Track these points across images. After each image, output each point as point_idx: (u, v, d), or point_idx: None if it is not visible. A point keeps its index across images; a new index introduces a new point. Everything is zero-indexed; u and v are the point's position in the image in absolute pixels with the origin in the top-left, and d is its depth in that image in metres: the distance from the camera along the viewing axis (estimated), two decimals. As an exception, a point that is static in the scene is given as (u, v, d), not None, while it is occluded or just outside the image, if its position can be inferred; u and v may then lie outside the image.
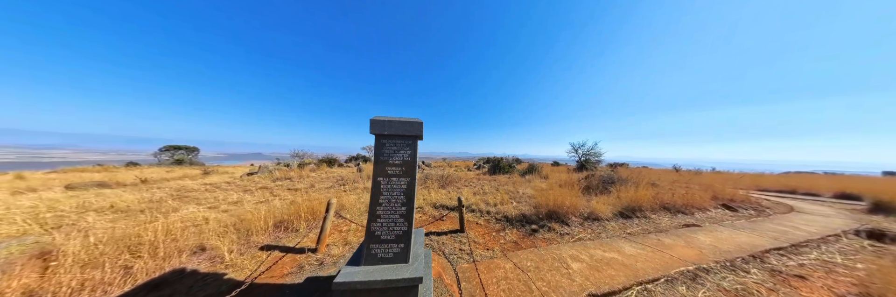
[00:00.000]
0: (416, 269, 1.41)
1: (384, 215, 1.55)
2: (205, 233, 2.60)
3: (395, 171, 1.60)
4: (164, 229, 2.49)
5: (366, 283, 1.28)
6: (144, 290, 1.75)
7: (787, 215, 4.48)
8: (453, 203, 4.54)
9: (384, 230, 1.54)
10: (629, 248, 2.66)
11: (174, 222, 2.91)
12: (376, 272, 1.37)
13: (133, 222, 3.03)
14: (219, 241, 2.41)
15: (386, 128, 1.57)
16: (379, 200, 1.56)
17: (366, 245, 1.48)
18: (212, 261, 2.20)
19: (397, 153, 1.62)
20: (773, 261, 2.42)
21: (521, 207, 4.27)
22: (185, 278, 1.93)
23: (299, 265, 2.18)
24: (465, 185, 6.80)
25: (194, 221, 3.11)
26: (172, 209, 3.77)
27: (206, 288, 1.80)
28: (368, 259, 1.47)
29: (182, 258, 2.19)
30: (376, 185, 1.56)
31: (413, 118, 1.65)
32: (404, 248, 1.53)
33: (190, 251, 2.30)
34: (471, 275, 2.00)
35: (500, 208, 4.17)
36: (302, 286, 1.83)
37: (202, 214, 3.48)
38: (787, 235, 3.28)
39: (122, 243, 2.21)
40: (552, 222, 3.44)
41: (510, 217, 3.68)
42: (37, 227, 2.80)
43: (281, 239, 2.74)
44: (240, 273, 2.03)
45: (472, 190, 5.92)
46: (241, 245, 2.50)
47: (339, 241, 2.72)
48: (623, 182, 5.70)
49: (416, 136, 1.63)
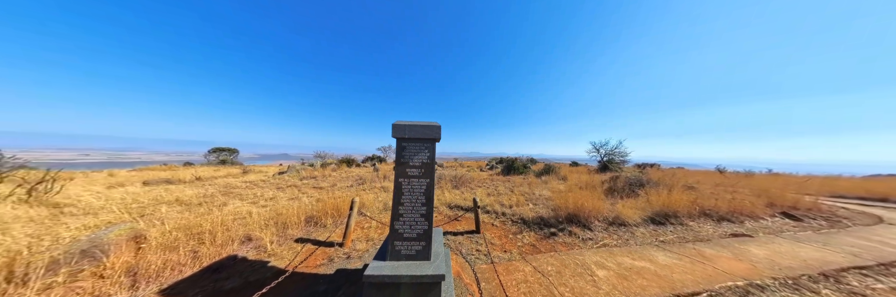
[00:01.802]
0: (438, 267, 1.48)
1: (406, 214, 1.64)
2: (249, 225, 2.96)
3: (415, 172, 1.68)
4: (219, 221, 2.91)
5: (393, 277, 1.37)
6: (208, 272, 2.07)
7: (872, 228, 3.73)
8: (467, 204, 4.56)
9: (406, 229, 1.63)
10: (663, 257, 2.45)
11: (226, 214, 3.38)
12: (401, 267, 1.46)
13: (194, 213, 3.57)
14: (261, 233, 2.74)
15: (406, 132, 1.66)
16: (401, 200, 1.65)
17: (390, 242, 1.59)
18: (257, 250, 2.51)
19: (417, 156, 1.70)
20: (854, 282, 2.05)
21: (538, 209, 4.15)
22: (238, 263, 2.24)
23: (329, 257, 2.39)
24: (479, 185, 6.75)
25: (240, 214, 3.55)
26: (222, 204, 4.35)
27: (255, 273, 2.07)
28: (393, 255, 1.57)
29: (234, 245, 2.54)
30: (398, 185, 1.65)
31: (431, 122, 1.72)
32: (426, 246, 1.60)
33: (239, 240, 2.65)
34: (490, 276, 2.01)
35: (515, 210, 4.09)
36: (333, 277, 2.01)
37: (246, 208, 3.97)
38: (874, 251, 2.74)
39: (188, 231, 2.63)
40: (572, 225, 3.29)
41: (527, 220, 3.60)
42: (127, 215, 3.44)
43: (311, 233, 3.02)
44: (280, 262, 2.29)
45: (486, 191, 5.87)
46: (279, 237, 2.81)
47: (361, 237, 2.91)
48: (653, 185, 5.22)
49: (434, 139, 1.70)
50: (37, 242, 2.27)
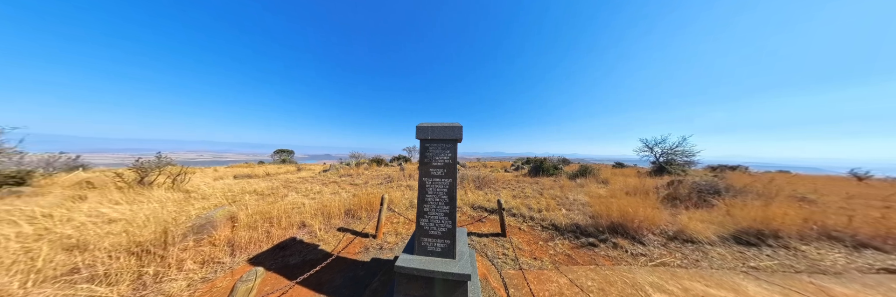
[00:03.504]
0: (463, 266, 1.49)
1: (430, 212, 1.71)
2: (303, 214, 3.54)
3: (438, 172, 1.74)
4: (283, 209, 3.58)
5: (421, 271, 1.45)
6: (277, 249, 2.57)
7: None
8: (491, 205, 4.43)
9: (431, 226, 1.69)
10: (757, 289, 1.91)
11: (287, 204, 4.13)
12: (428, 262, 1.52)
13: (265, 202, 4.47)
14: (313, 221, 3.25)
15: (429, 133, 1.72)
16: (425, 198, 1.73)
17: (417, 238, 1.67)
18: (310, 235, 2.98)
19: (439, 156, 1.75)
20: None
21: (573, 215, 3.73)
22: (297, 244, 2.71)
23: (365, 246, 2.67)
24: (503, 187, 6.48)
25: (297, 204, 4.27)
26: (284, 195, 5.32)
27: (310, 254, 2.47)
28: (420, 250, 1.65)
29: (294, 229, 3.08)
30: (422, 185, 1.74)
31: (453, 123, 1.74)
32: (450, 244, 1.64)
33: (297, 225, 3.20)
34: (518, 282, 1.92)
35: (545, 215, 3.78)
36: (369, 264, 2.25)
37: (300, 200, 4.75)
38: None
39: (263, 216, 3.31)
40: (617, 236, 2.86)
41: (559, 226, 3.29)
42: (225, 201, 4.54)
43: (350, 224, 3.42)
44: (327, 246, 2.67)
45: (512, 193, 5.59)
46: (325, 226, 3.28)
47: (391, 231, 3.14)
48: (738, 193, 4.07)
49: (456, 139, 1.72)
50: (177, 216, 3.22)
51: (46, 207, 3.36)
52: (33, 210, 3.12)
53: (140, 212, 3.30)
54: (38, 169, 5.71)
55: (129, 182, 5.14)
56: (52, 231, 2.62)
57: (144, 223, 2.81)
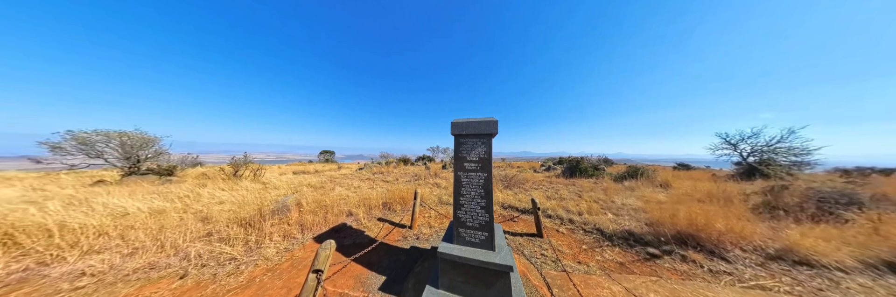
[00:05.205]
0: (505, 258, 1.51)
1: (466, 204, 1.78)
2: (349, 204, 4.06)
3: (473, 166, 1.80)
4: (334, 199, 4.18)
5: (463, 259, 1.53)
6: (333, 231, 3.04)
7: None
8: (521, 205, 4.26)
9: (468, 218, 1.76)
10: None
11: (336, 195, 4.80)
12: (470, 251, 1.60)
13: (319, 193, 5.27)
14: (357, 210, 3.71)
15: (464, 128, 1.80)
16: (461, 191, 1.81)
17: (455, 228, 1.76)
18: (356, 222, 3.41)
19: (474, 151, 1.81)
20: None
21: (623, 220, 3.29)
22: (347, 229, 3.14)
23: (403, 235, 2.92)
24: (534, 187, 6.13)
25: (343, 196, 4.92)
26: (331, 188, 6.18)
27: (358, 238, 2.85)
28: (459, 240, 1.74)
29: (343, 216, 3.57)
30: (458, 178, 1.82)
31: (488, 118, 1.78)
32: (489, 236, 1.67)
33: (345, 213, 3.69)
34: (562, 283, 1.82)
35: (587, 218, 3.44)
36: (409, 251, 2.46)
37: (345, 192, 5.45)
38: None
39: (319, 204, 3.93)
40: (687, 248, 2.40)
41: (605, 231, 2.95)
42: (291, 191, 5.56)
43: (387, 215, 3.77)
44: (371, 233, 3.02)
45: (544, 194, 5.24)
46: (367, 215, 3.69)
47: (424, 224, 3.34)
48: (880, 203, 2.92)
49: (491, 134, 1.75)
50: (263, 200, 4.10)
51: (186, 190, 4.73)
52: (179, 192, 4.43)
53: (239, 196, 4.34)
54: (178, 165, 8.02)
55: (228, 175, 6.78)
56: (191, 207, 3.69)
57: (242, 204, 3.69)
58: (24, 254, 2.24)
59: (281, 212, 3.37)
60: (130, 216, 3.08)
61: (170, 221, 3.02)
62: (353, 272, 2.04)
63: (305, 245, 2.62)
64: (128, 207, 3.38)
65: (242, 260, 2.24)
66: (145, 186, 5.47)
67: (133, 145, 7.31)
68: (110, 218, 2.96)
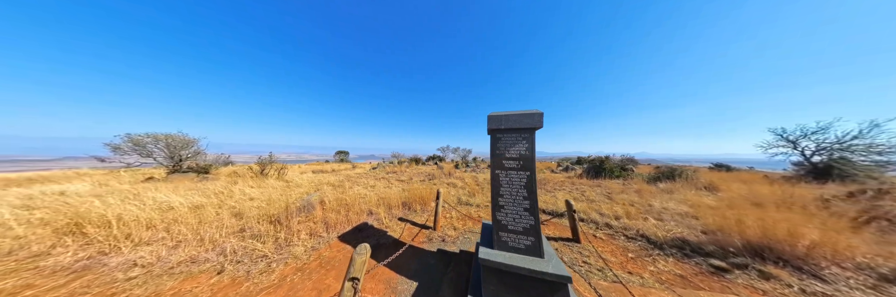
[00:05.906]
0: (558, 267, 1.31)
1: (507, 206, 1.59)
2: (369, 203, 4.04)
3: (513, 164, 1.60)
4: (354, 197, 4.19)
5: (509, 266, 1.35)
6: (355, 230, 3.00)
7: None
8: (546, 206, 3.98)
9: (510, 221, 1.57)
10: None
11: (355, 194, 4.84)
12: (516, 259, 1.41)
13: (338, 191, 5.37)
14: (378, 209, 3.66)
15: (502, 122, 1.61)
16: (499, 191, 1.62)
17: (495, 232, 1.59)
18: (378, 221, 3.36)
19: (514, 147, 1.62)
20: None
21: (670, 227, 2.89)
22: (369, 228, 3.09)
23: (429, 237, 2.80)
24: (556, 188, 5.76)
25: (361, 195, 4.94)
26: (349, 187, 6.29)
27: (382, 239, 2.77)
28: (500, 245, 1.56)
29: (364, 215, 3.54)
30: (495, 177, 1.64)
31: (532, 110, 1.58)
32: (535, 242, 1.48)
33: (366, 212, 3.67)
34: (617, 298, 1.56)
35: (626, 223, 3.09)
36: (437, 255, 2.33)
37: (363, 191, 5.49)
38: None
39: (340, 203, 3.96)
40: (766, 263, 2.02)
41: (652, 238, 2.60)
42: (313, 189, 5.73)
43: (408, 215, 3.68)
44: (393, 233, 2.94)
45: (570, 196, 4.86)
46: (388, 214, 3.63)
47: (447, 225, 3.20)
48: None
49: (534, 128, 1.55)
50: (287, 197, 4.23)
51: (220, 187, 5.04)
52: (215, 189, 4.72)
53: (266, 193, 4.52)
54: (213, 163, 8.71)
55: (256, 173, 7.19)
56: (225, 203, 3.89)
57: (270, 201, 3.82)
58: (88, 243, 2.45)
59: (306, 210, 3.42)
60: (174, 211, 3.30)
61: (207, 216, 3.18)
62: (383, 276, 1.95)
63: (331, 244, 2.59)
64: (172, 201, 3.64)
65: (273, 258, 2.25)
66: (186, 182, 5.97)
67: (176, 146, 8.09)
68: (158, 212, 3.19)
